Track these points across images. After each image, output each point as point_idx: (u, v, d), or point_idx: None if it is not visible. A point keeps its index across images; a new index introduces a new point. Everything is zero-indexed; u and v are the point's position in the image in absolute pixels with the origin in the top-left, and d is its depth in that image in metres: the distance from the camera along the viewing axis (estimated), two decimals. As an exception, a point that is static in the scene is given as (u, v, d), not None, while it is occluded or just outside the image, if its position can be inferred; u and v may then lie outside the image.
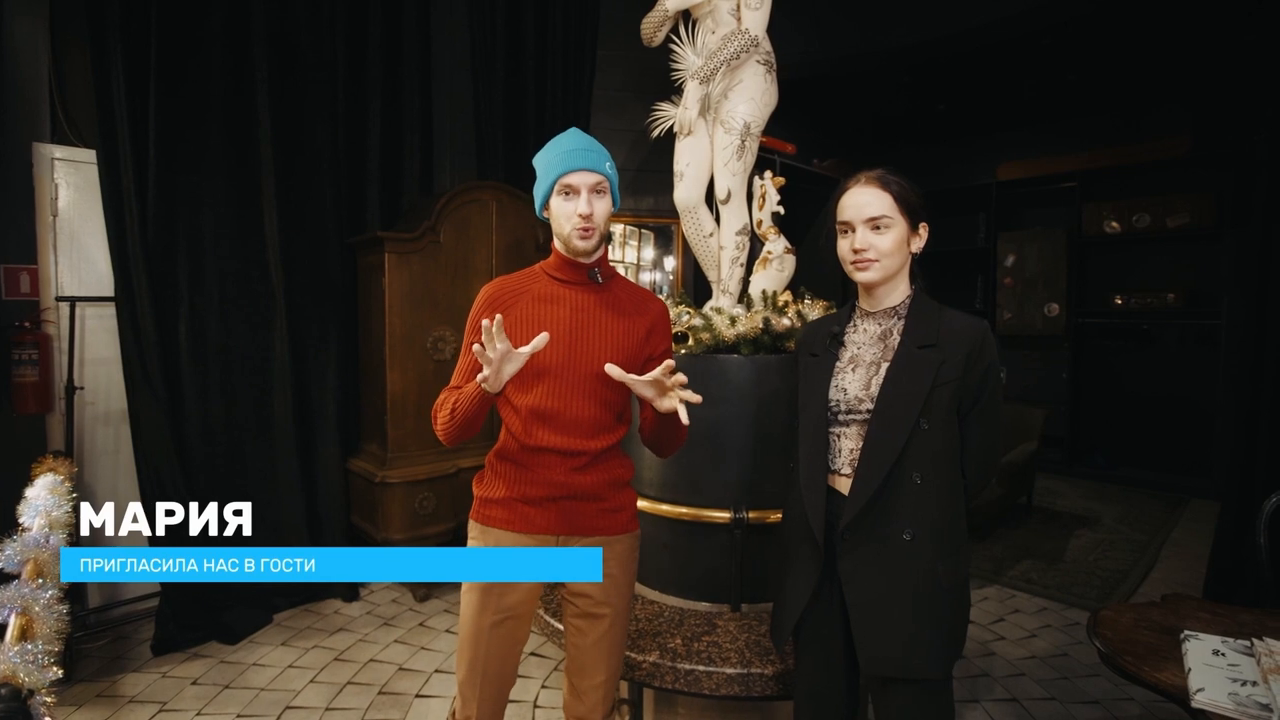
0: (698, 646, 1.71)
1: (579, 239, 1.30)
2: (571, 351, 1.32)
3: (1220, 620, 1.49)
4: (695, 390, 1.97)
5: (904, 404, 1.21)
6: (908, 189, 1.27)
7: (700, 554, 1.98)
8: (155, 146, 2.65)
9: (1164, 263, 5.26)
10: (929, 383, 1.20)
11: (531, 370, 1.28)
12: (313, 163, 3.15)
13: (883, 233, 1.25)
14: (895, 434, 1.21)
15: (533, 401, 1.32)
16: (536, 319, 1.32)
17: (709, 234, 2.22)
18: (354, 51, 3.29)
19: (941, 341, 1.22)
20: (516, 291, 1.36)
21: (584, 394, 1.33)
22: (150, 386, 2.64)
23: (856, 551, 1.24)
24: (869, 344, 1.31)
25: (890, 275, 1.28)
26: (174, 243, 2.77)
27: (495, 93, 3.78)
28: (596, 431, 1.35)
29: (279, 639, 2.78)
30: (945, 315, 1.26)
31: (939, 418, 1.21)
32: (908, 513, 1.21)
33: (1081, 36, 4.39)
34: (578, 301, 1.35)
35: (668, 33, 2.23)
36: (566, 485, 1.34)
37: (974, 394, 1.23)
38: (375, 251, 3.12)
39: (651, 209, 4.83)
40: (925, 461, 1.21)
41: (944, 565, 1.21)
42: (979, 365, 1.22)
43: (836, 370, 1.32)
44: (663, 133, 2.23)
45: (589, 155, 1.30)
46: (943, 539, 1.22)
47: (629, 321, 1.37)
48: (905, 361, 1.23)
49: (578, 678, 1.42)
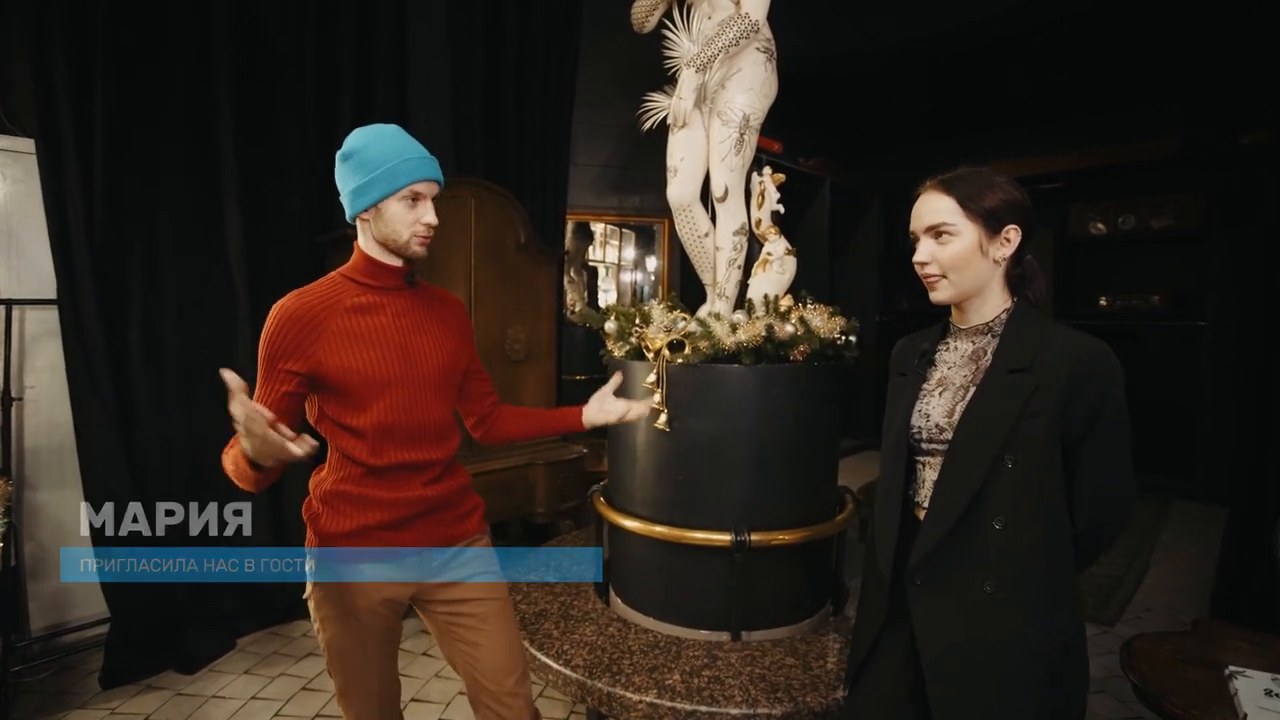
0: (698, 683, 1.58)
1: (419, 245, 1.28)
2: (406, 360, 1.28)
3: (1260, 652, 1.39)
4: (693, 404, 1.87)
5: (983, 436, 1.06)
6: (982, 189, 1.11)
7: (698, 579, 1.84)
8: (102, 135, 2.43)
9: (1149, 264, 5.25)
10: (1015, 413, 1.03)
11: (370, 387, 1.24)
12: (280, 158, 2.96)
13: (945, 243, 1.11)
14: (971, 470, 1.06)
15: (377, 418, 1.25)
16: (356, 332, 1.25)
17: (704, 234, 2.09)
18: (324, 42, 3.09)
19: (1037, 364, 1.05)
20: (322, 306, 1.25)
21: (427, 402, 1.31)
22: (98, 394, 2.43)
23: (934, 600, 1.10)
24: (960, 365, 1.15)
25: (967, 291, 1.12)
26: (124, 241, 2.55)
27: (473, 86, 3.60)
28: (444, 438, 1.34)
29: (242, 666, 2.59)
30: (1049, 333, 1.07)
31: (1030, 455, 1.04)
32: (989, 561, 1.06)
33: (1072, 35, 4.33)
34: (397, 307, 1.31)
35: (660, 18, 2.09)
36: (421, 500, 1.30)
37: (1081, 428, 1.05)
38: (348, 252, 2.92)
39: (637, 208, 4.69)
40: (1009, 504, 1.05)
41: (1034, 627, 1.04)
42: (1085, 394, 1.03)
43: (923, 393, 1.18)
44: (654, 125, 2.08)
45: (434, 164, 1.29)
46: (1033, 597, 1.05)
47: (448, 321, 1.38)
48: (992, 387, 1.08)
49: (504, 678, 1.35)
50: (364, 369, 1.24)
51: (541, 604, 1.99)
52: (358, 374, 1.24)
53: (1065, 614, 1.07)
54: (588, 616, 1.92)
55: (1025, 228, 1.11)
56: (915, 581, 1.11)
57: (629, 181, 4.69)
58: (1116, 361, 1.05)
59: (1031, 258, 1.15)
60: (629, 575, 1.99)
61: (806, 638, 1.81)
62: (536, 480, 3.48)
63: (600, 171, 4.62)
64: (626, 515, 1.92)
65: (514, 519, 3.58)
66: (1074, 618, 1.08)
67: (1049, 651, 1.04)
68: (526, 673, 1.41)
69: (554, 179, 4.00)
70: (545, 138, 3.94)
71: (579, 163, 4.38)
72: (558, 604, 1.99)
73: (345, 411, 1.25)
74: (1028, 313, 1.11)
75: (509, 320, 3.43)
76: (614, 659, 1.68)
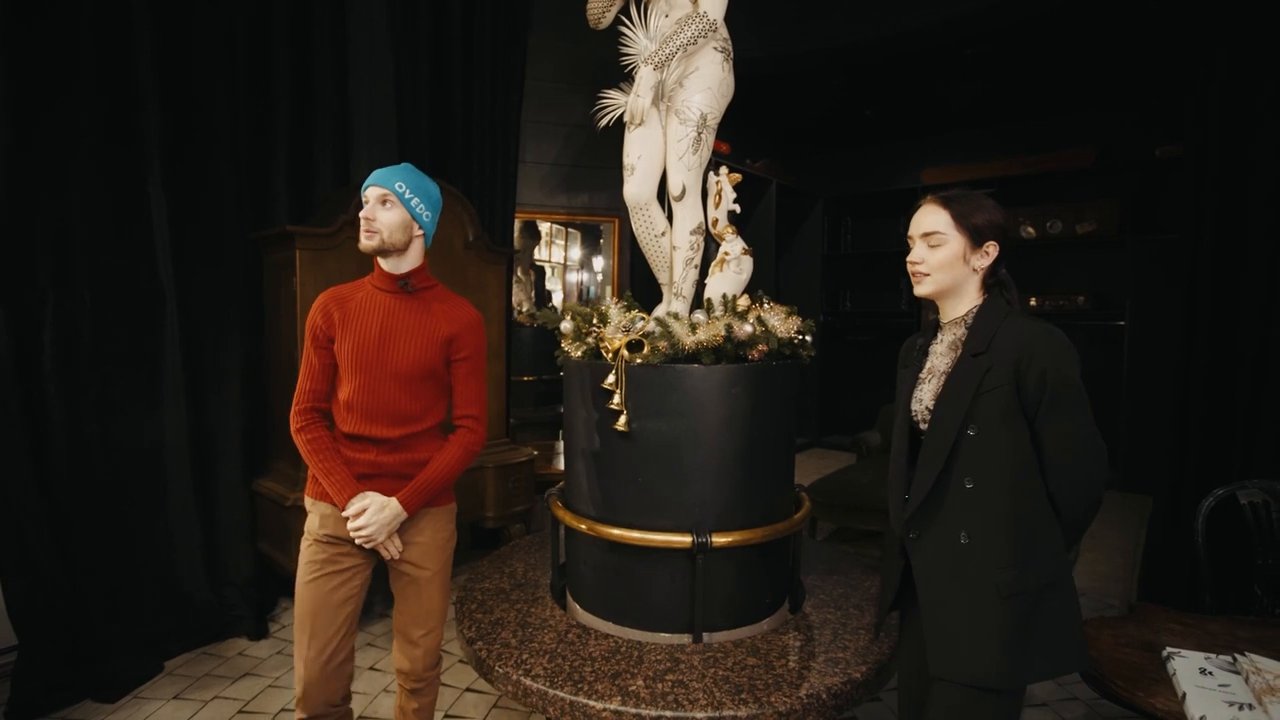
0: (661, 687, 1.55)
1: (363, 238, 1.58)
2: (380, 352, 1.57)
3: (1191, 632, 1.47)
4: (650, 404, 1.84)
5: (949, 411, 1.25)
6: (972, 209, 1.29)
7: (658, 581, 1.82)
8: (8, 112, 2.24)
9: (1075, 267, 5.55)
10: (974, 388, 1.22)
11: (348, 367, 1.57)
12: (208, 146, 2.79)
13: (936, 248, 1.31)
14: (944, 438, 1.25)
15: (346, 396, 1.58)
16: (354, 321, 1.58)
17: (660, 233, 2.06)
18: (257, 23, 2.94)
19: (993, 348, 1.23)
20: (345, 298, 1.62)
21: (389, 389, 1.58)
22: (1, 405, 2.23)
23: (927, 552, 1.30)
24: (944, 355, 1.34)
25: (945, 289, 1.32)
26: (31, 232, 2.35)
27: (420, 77, 3.49)
28: (400, 421, 1.60)
29: (171, 690, 2.42)
30: (1006, 323, 1.25)
31: (990, 424, 1.22)
32: (962, 516, 1.25)
33: (1001, 48, 4.53)
34: (389, 308, 1.60)
35: (616, 14, 2.06)
36: (375, 465, 1.59)
37: (1034, 400, 1.20)
38: (285, 248, 2.79)
39: (586, 206, 4.65)
40: (977, 467, 1.23)
41: (1004, 575, 1.20)
42: (1032, 371, 1.19)
43: (919, 381, 1.37)
44: (611, 122, 2.05)
45: (380, 175, 1.60)
46: (1002, 546, 1.21)
47: (433, 328, 1.62)
48: (959, 369, 1.27)
49: (412, 630, 1.67)
50: (347, 352, 1.57)
51: (498, 612, 1.93)
52: (343, 355, 1.58)
53: (1038, 565, 1.21)
54: (546, 624, 1.87)
55: (1003, 244, 1.31)
56: (910, 534, 1.32)
57: (578, 180, 4.64)
58: (1061, 341, 1.20)
59: (1006, 271, 1.34)
60: (587, 580, 1.96)
61: (767, 637, 1.81)
62: (486, 484, 3.40)
63: (549, 170, 4.56)
64: (584, 519, 1.89)
65: (463, 523, 3.49)
66: (1048, 566, 1.22)
67: (1018, 595, 1.20)
68: (436, 629, 1.70)
69: (503, 176, 3.92)
70: (493, 134, 3.85)
71: (526, 160, 4.31)
72: (514, 612, 1.94)
73: (338, 383, 1.61)
74: (994, 307, 1.30)
75: (457, 320, 3.33)
76: (575, 666, 1.64)
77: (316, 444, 1.58)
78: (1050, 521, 1.24)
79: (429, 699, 1.75)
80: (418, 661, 1.68)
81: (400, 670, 1.71)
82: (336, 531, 1.58)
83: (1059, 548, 1.25)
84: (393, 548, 1.59)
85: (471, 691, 2.42)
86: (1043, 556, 1.22)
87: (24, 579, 2.28)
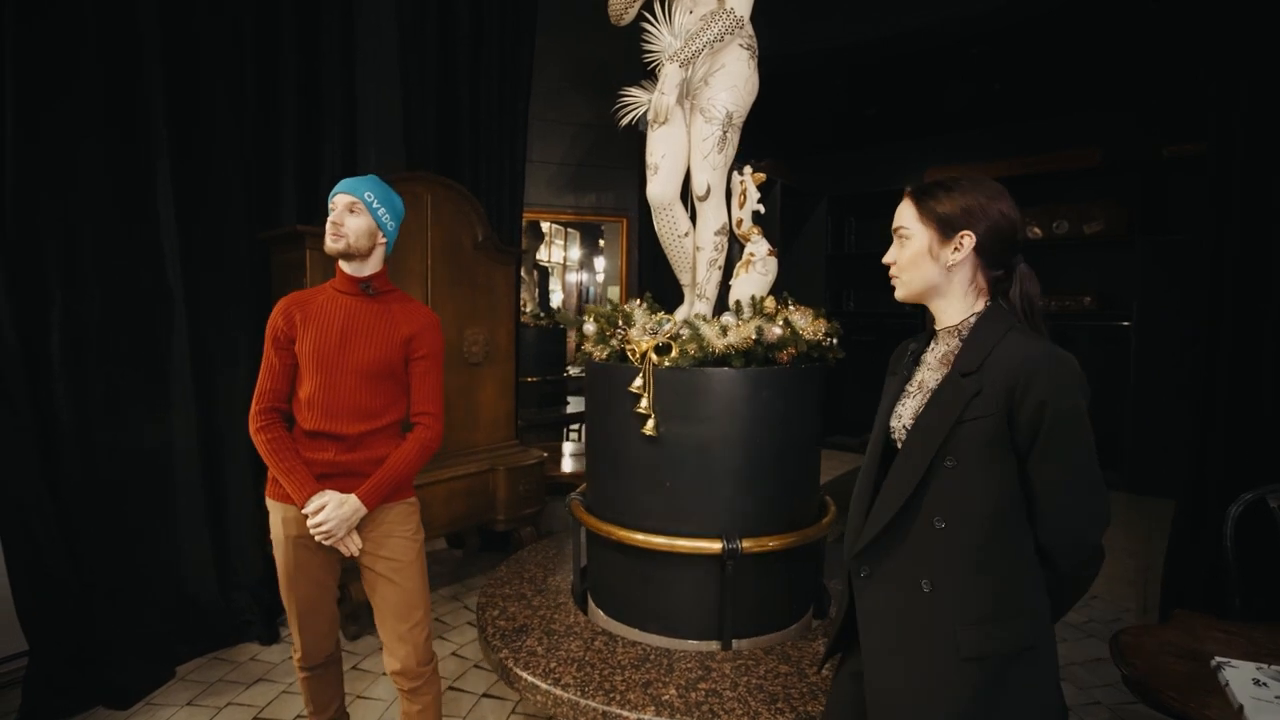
0: (695, 696, 1.53)
1: (329, 240, 1.62)
2: (340, 352, 1.62)
3: (1235, 640, 1.45)
4: (679, 408, 1.81)
5: (925, 436, 1.06)
6: (941, 196, 1.11)
7: (685, 587, 1.80)
8: (12, 111, 2.19)
9: (1081, 267, 5.53)
10: (955, 414, 1.03)
11: (310, 368, 1.61)
12: (215, 146, 2.74)
13: (901, 244, 1.16)
14: (914, 467, 1.06)
15: (307, 393, 1.62)
16: (315, 322, 1.63)
17: (684, 233, 2.04)
18: (264, 22, 2.89)
19: (985, 368, 1.03)
20: (306, 301, 1.67)
21: (350, 387, 1.62)
22: (10, 407, 2.18)
23: (877, 595, 1.11)
24: (935, 367, 1.15)
25: (918, 291, 1.15)
26: (38, 233, 2.30)
27: (427, 77, 3.45)
28: (361, 417, 1.63)
29: (184, 697, 2.38)
30: (1005, 341, 1.05)
31: (971, 457, 1.03)
32: (927, 560, 1.06)
33: (1007, 47, 4.52)
34: (351, 309, 1.65)
35: (639, 10, 2.03)
36: (335, 463, 1.61)
37: (1027, 437, 1.00)
38: (295, 249, 2.75)
39: (594, 206, 4.61)
40: (949, 505, 1.04)
41: (967, 633, 1.01)
42: (1027, 402, 0.99)
43: (904, 394, 1.18)
44: (633, 120, 2.02)
45: (349, 184, 1.65)
46: (970, 600, 1.03)
47: (393, 328, 1.67)
48: (944, 388, 1.07)
49: (397, 626, 1.67)
50: (308, 350, 1.61)
51: (521, 619, 1.90)
52: (304, 354, 1.61)
53: (1014, 623, 1.02)
54: (571, 631, 1.85)
55: (984, 234, 1.09)
56: (859, 572, 1.13)
57: (584, 180, 4.61)
58: (1069, 370, 1.00)
59: (1025, 265, 1.13)
60: (612, 586, 1.93)
61: (797, 644, 1.79)
62: (497, 486, 3.36)
63: (557, 169, 4.52)
64: (609, 523, 1.86)
65: (473, 526, 3.45)
66: (1026, 628, 1.03)
67: (983, 659, 1.01)
68: (421, 622, 1.70)
69: (510, 175, 3.88)
70: (501, 134, 3.81)
71: (533, 160, 4.27)
72: (538, 619, 1.91)
73: (296, 382, 1.65)
74: (996, 317, 1.09)
75: (466, 322, 3.30)
76: (605, 675, 1.61)
77: (276, 444, 1.60)
78: (1033, 576, 1.05)
79: (429, 697, 1.74)
80: (409, 658, 1.68)
81: (394, 672, 1.71)
82: (301, 531, 1.62)
83: (1042, 607, 1.05)
84: (352, 544, 1.60)
85: (489, 697, 2.38)
86: (1020, 616, 1.03)
87: (34, 582, 2.23)
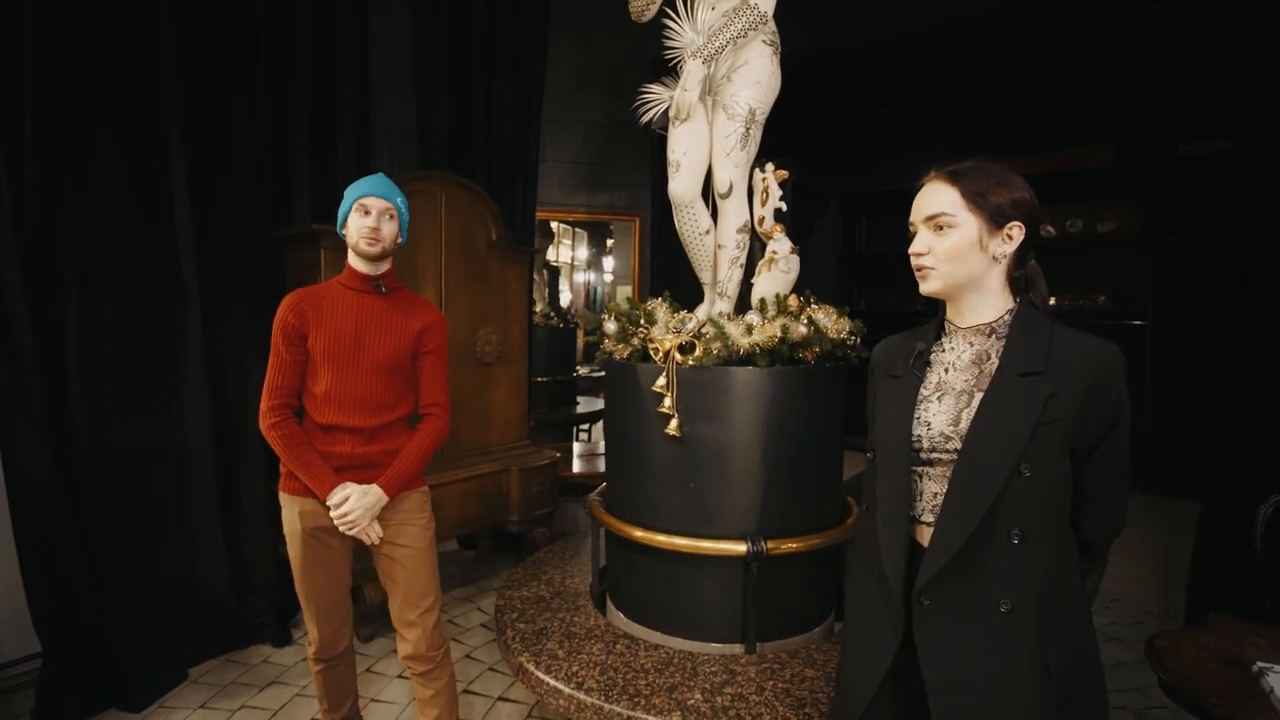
0: (721, 701, 1.50)
1: (365, 244, 1.65)
2: (355, 347, 1.66)
3: (1274, 646, 1.42)
4: (704, 408, 1.79)
5: (1001, 444, 0.98)
6: (989, 183, 1.05)
7: (708, 589, 1.77)
8: (30, 110, 2.18)
9: (1096, 266, 5.49)
10: (1034, 418, 0.96)
11: (325, 363, 1.64)
12: (229, 145, 2.73)
13: (943, 234, 1.05)
14: (989, 480, 0.98)
15: (324, 388, 1.64)
16: (330, 320, 1.65)
17: (705, 231, 2.01)
18: (278, 21, 2.88)
19: (1052, 368, 0.99)
20: (316, 297, 1.69)
21: (365, 381, 1.66)
22: (27, 410, 2.16)
23: (941, 623, 1.01)
24: (961, 369, 1.08)
25: (958, 284, 1.07)
26: (54, 232, 2.29)
27: (440, 76, 3.43)
28: (376, 411, 1.68)
29: (197, 700, 2.37)
30: (1058, 336, 1.02)
31: (1046, 463, 0.98)
32: (1004, 578, 0.98)
33: (1020, 44, 4.47)
34: (363, 306, 1.69)
35: (660, 6, 2.00)
36: (353, 456, 1.65)
37: (1096, 435, 0.99)
38: (310, 247, 2.73)
39: (607, 204, 4.59)
40: (1027, 516, 0.98)
41: (1055, 646, 0.98)
42: (1105, 400, 0.98)
43: (921, 399, 1.09)
44: (655, 117, 2.00)
45: (382, 188, 1.69)
46: (1052, 613, 0.99)
47: (404, 324, 1.72)
48: (1005, 392, 1.00)
49: (408, 611, 1.70)
50: (322, 347, 1.63)
51: (540, 621, 1.88)
52: (318, 350, 1.64)
53: (1080, 629, 1.02)
54: (591, 634, 1.82)
55: (1029, 226, 1.06)
56: (923, 602, 1.01)
57: (597, 178, 4.58)
58: (1124, 361, 1.01)
59: (1035, 263, 1.10)
60: (633, 588, 1.91)
61: (822, 647, 1.77)
62: (510, 487, 3.34)
63: (569, 168, 4.50)
64: (633, 525, 1.84)
65: (486, 527, 3.43)
66: (1088, 632, 1.04)
67: (1067, 671, 0.98)
68: (433, 607, 1.73)
69: (523, 174, 3.86)
70: (514, 132, 3.79)
71: (546, 159, 4.25)
72: (557, 621, 1.89)
73: (311, 379, 1.66)
74: (1032, 314, 1.05)
75: (479, 321, 3.28)
76: (628, 680, 1.59)
77: (292, 439, 1.62)
78: (1081, 575, 1.04)
79: (443, 681, 1.75)
80: (420, 641, 1.70)
81: (407, 657, 1.73)
82: (317, 523, 1.65)
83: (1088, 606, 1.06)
84: (373, 533, 1.64)
85: (504, 700, 2.36)
86: (1082, 620, 1.03)
87: (48, 584, 2.22)
